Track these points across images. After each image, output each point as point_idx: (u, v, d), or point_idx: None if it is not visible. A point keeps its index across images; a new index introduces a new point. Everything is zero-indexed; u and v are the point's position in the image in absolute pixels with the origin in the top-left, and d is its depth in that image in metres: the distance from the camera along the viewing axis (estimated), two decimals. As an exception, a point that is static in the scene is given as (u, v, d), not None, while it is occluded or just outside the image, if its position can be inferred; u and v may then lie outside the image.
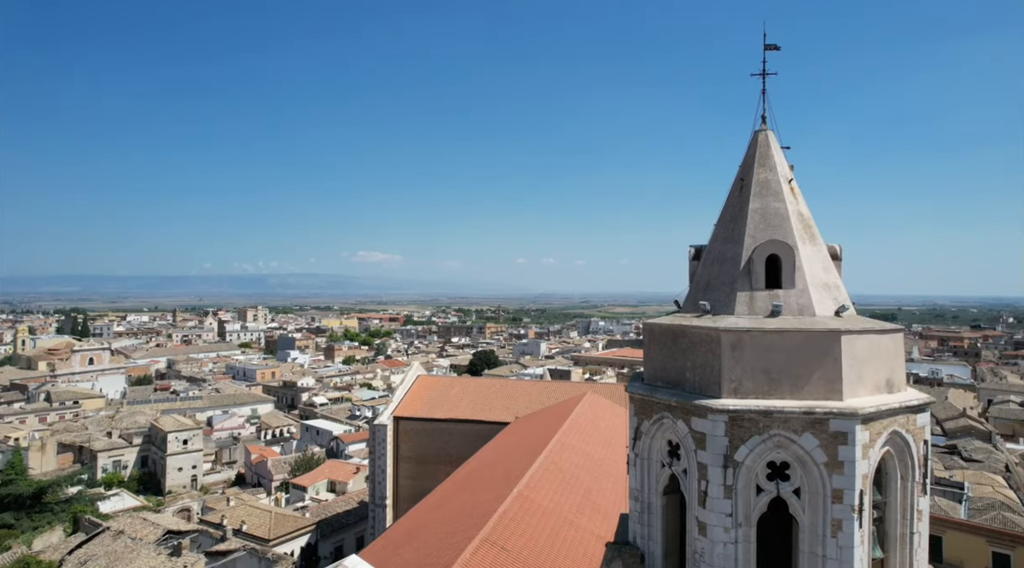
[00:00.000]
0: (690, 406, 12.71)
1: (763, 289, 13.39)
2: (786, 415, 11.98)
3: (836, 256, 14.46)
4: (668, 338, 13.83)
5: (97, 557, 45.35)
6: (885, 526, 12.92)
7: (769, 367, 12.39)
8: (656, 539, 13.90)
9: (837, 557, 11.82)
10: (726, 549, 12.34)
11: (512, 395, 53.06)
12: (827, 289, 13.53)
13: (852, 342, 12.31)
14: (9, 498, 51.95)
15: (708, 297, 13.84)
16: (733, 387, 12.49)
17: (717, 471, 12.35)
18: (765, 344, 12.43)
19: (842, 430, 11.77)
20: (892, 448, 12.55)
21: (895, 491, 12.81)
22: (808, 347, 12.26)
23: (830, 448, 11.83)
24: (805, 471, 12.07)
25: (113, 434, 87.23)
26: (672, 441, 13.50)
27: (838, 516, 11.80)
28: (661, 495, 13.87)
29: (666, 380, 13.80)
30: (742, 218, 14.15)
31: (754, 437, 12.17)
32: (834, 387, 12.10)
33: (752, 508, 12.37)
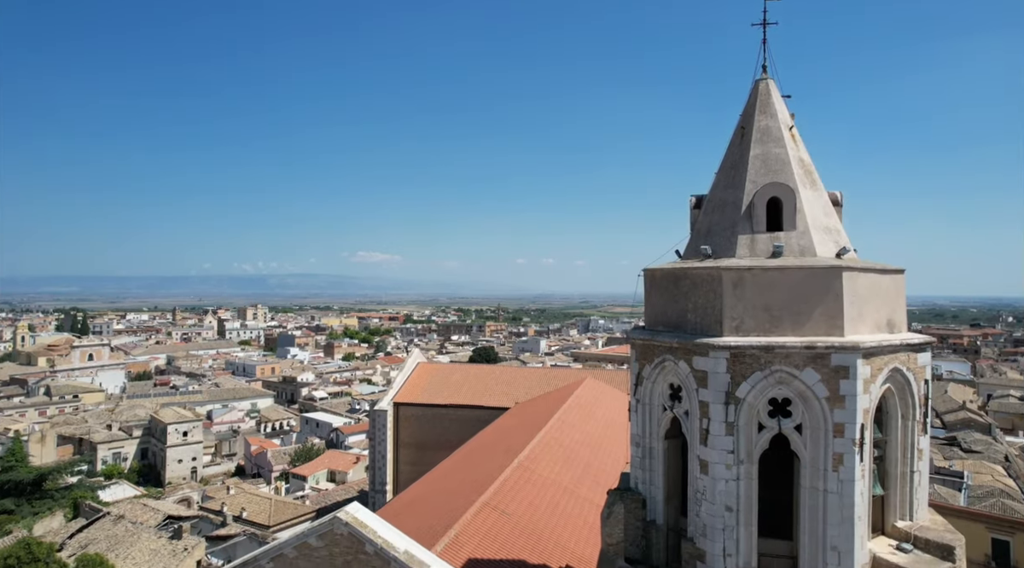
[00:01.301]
0: (691, 346, 12.75)
1: (764, 232, 13.43)
2: (787, 350, 12.02)
3: (837, 202, 14.51)
4: (669, 282, 13.87)
5: (98, 541, 45.36)
6: (886, 465, 12.96)
7: (770, 304, 12.43)
8: (657, 484, 13.94)
9: (838, 491, 11.85)
10: (728, 486, 12.37)
11: (512, 381, 53.09)
12: (828, 232, 13.58)
13: (853, 279, 12.35)
14: (9, 484, 51.97)
15: (709, 242, 13.87)
16: (734, 325, 12.53)
17: (719, 408, 12.39)
18: (766, 281, 12.48)
19: (843, 364, 11.80)
20: (893, 386, 12.60)
21: (896, 430, 12.86)
22: (809, 284, 12.30)
23: (831, 383, 11.86)
24: (807, 407, 12.11)
25: (113, 426, 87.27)
26: (673, 384, 13.54)
27: (839, 450, 11.84)
28: (662, 439, 13.91)
29: (667, 324, 13.84)
30: (743, 164, 14.19)
31: (756, 373, 12.21)
32: (835, 323, 12.14)
33: (754, 445, 12.41)
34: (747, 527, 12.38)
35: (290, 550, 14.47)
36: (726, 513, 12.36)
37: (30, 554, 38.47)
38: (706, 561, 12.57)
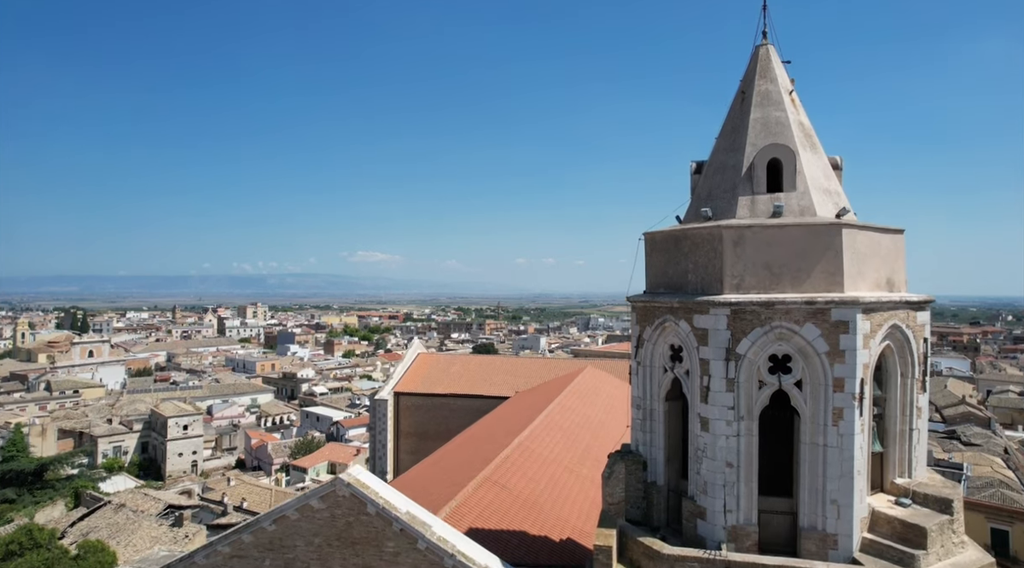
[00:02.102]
0: (692, 304, 12.83)
1: (764, 193, 13.51)
2: (788, 306, 12.10)
3: (837, 166, 14.59)
4: (670, 243, 13.95)
5: (99, 529, 45.40)
6: (885, 422, 13.04)
7: (771, 262, 12.51)
8: (658, 445, 14.01)
9: (838, 445, 11.93)
10: (728, 442, 12.45)
11: (512, 371, 53.17)
12: (828, 194, 13.65)
13: (853, 236, 12.43)
14: (11, 474, 52.02)
15: (709, 205, 13.94)
16: (735, 283, 12.61)
17: (719, 365, 12.46)
18: (766, 239, 12.55)
19: (843, 319, 11.88)
20: (892, 343, 12.67)
21: (895, 387, 12.94)
22: (809, 241, 12.38)
23: (831, 337, 11.94)
24: (807, 362, 12.19)
25: (113, 421, 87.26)
26: (674, 345, 13.61)
27: (839, 405, 11.91)
28: (663, 401, 13.99)
29: (668, 286, 13.92)
30: (743, 128, 14.26)
31: (756, 330, 12.29)
32: (835, 280, 12.22)
33: (754, 401, 12.48)
34: (747, 483, 12.45)
35: (292, 512, 14.52)
36: (727, 469, 12.43)
37: (32, 540, 38.48)
38: (706, 518, 12.65)
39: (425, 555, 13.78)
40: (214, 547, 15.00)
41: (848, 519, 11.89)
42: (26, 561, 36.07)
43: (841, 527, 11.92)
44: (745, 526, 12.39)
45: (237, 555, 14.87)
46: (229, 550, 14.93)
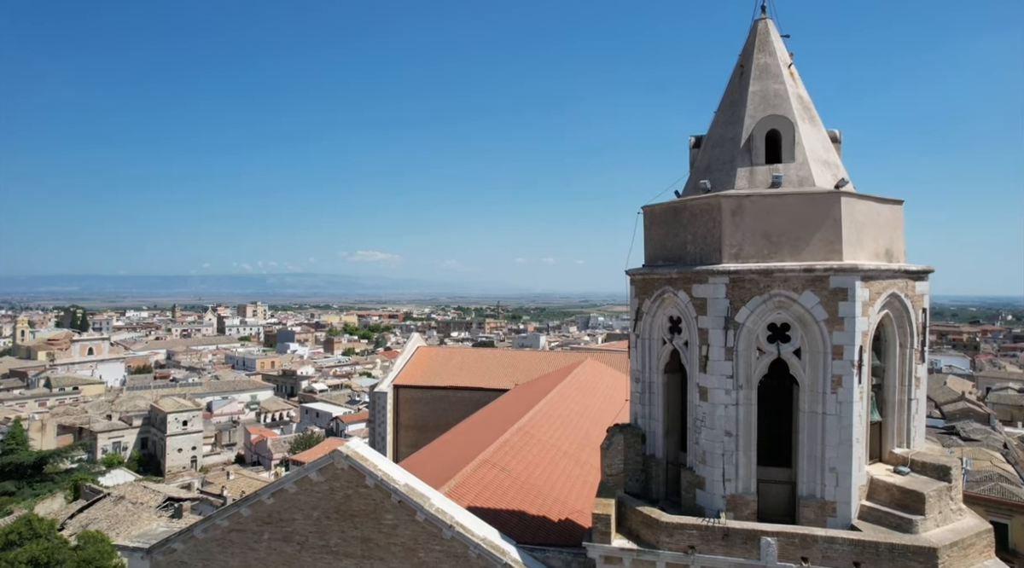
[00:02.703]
0: (691, 274, 12.82)
1: (763, 164, 13.49)
2: (786, 274, 12.09)
3: (836, 139, 14.58)
4: (669, 216, 13.94)
5: (98, 520, 45.40)
6: (884, 393, 13.03)
7: (769, 231, 12.50)
8: (657, 417, 14.00)
9: (837, 413, 11.93)
10: (727, 411, 12.45)
11: (512, 363, 53.12)
12: (827, 165, 13.64)
13: (852, 205, 12.42)
14: (10, 467, 51.98)
15: (708, 177, 13.92)
16: (734, 252, 12.60)
17: (718, 334, 12.46)
18: (765, 208, 12.55)
19: (842, 286, 11.88)
20: (891, 312, 12.66)
21: (894, 357, 12.93)
22: (808, 209, 12.37)
23: (830, 305, 11.94)
24: (806, 330, 12.18)
25: (113, 416, 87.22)
26: (673, 316, 13.61)
27: (838, 372, 11.91)
28: (662, 373, 13.98)
29: (666, 258, 13.91)
30: (742, 101, 14.24)
31: (755, 298, 12.29)
32: (834, 248, 12.21)
33: (753, 370, 12.48)
34: (746, 452, 12.45)
35: (291, 485, 14.51)
36: (725, 438, 12.43)
37: (31, 530, 38.45)
38: (705, 487, 12.65)
39: (424, 527, 13.78)
40: (213, 521, 15.00)
41: (847, 487, 11.88)
42: (25, 551, 36.04)
43: (840, 494, 11.92)
44: (744, 495, 12.39)
45: (236, 529, 14.87)
46: (228, 524, 14.93)
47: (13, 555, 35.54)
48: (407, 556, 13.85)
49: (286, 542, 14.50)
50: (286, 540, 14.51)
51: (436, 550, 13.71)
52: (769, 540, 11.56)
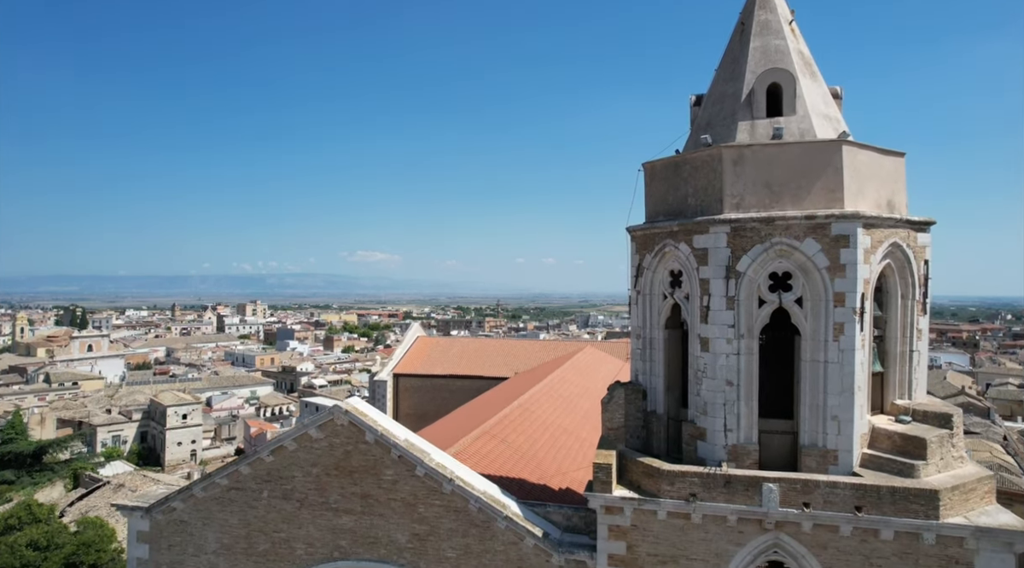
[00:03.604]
0: (692, 225, 12.78)
1: (764, 118, 13.45)
2: (788, 222, 12.06)
3: (837, 96, 14.53)
4: (670, 171, 13.90)
5: (98, 508, 45.30)
6: (885, 344, 12.99)
7: (771, 180, 12.46)
8: (658, 373, 13.95)
9: (838, 361, 11.89)
10: (728, 361, 12.40)
11: (512, 353, 53.06)
12: (828, 119, 13.59)
13: (854, 154, 12.39)
14: (10, 456, 51.92)
15: (709, 133, 13.87)
16: (735, 203, 12.57)
17: (719, 283, 12.42)
18: (766, 158, 12.51)
19: (844, 233, 11.84)
20: (893, 262, 12.63)
21: (895, 309, 12.89)
22: (810, 158, 12.34)
23: (832, 252, 11.90)
24: (807, 278, 12.14)
25: (112, 410, 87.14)
26: (674, 270, 13.57)
27: (839, 320, 11.87)
28: (663, 328, 13.93)
29: (667, 213, 13.86)
30: (743, 57, 14.20)
31: (756, 247, 12.25)
32: (835, 197, 12.17)
33: (754, 319, 12.44)
34: (748, 402, 12.41)
35: (290, 442, 14.44)
36: (727, 388, 12.39)
37: (31, 515, 38.44)
38: (706, 438, 12.60)
39: (424, 481, 13.73)
40: (212, 479, 14.95)
41: (848, 434, 11.84)
42: (25, 535, 35.99)
43: (841, 443, 11.88)
44: (745, 445, 12.35)
45: (235, 487, 14.82)
46: (227, 482, 14.87)
47: (13, 539, 35.50)
48: (407, 511, 13.80)
49: (285, 499, 14.45)
50: (285, 497, 14.45)
51: (436, 505, 13.66)
52: (771, 486, 11.52)
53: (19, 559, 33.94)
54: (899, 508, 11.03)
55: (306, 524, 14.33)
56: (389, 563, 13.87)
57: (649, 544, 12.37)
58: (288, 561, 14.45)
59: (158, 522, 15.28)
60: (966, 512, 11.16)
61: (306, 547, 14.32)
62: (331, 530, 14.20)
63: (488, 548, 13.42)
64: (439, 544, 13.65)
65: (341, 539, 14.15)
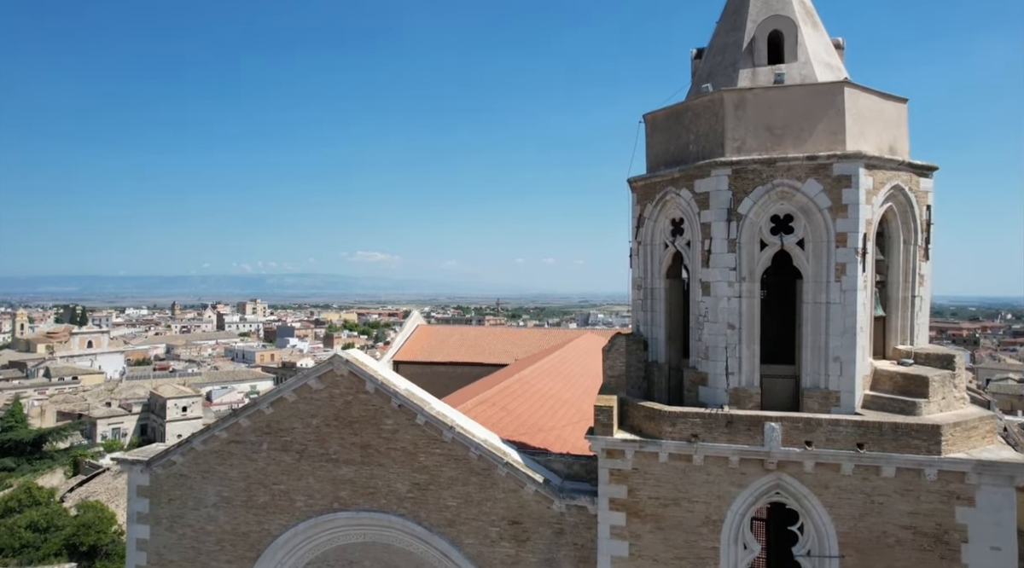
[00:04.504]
0: (693, 170, 12.75)
1: (765, 65, 13.42)
2: (789, 163, 12.02)
3: (839, 46, 14.50)
4: (671, 120, 13.86)
5: (98, 494, 45.29)
6: (887, 289, 12.95)
7: (772, 124, 12.43)
8: (659, 323, 13.91)
9: (840, 301, 11.85)
10: (730, 304, 12.37)
11: (512, 340, 52.98)
12: (829, 68, 13.56)
13: (856, 97, 12.34)
14: (9, 443, 51.90)
15: (710, 82, 13.84)
16: (736, 146, 12.53)
17: (721, 226, 12.39)
18: (768, 101, 12.47)
19: (846, 173, 11.81)
20: (895, 205, 12.59)
21: (897, 254, 12.85)
22: (811, 101, 12.30)
23: (834, 192, 11.87)
24: (809, 220, 12.11)
25: (112, 404, 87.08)
26: (675, 219, 13.54)
27: (841, 260, 11.84)
28: (664, 277, 13.89)
29: (668, 162, 13.80)
30: (744, 7, 14.14)
31: (757, 189, 12.21)
32: (837, 139, 12.13)
33: (756, 262, 12.40)
34: (750, 346, 12.37)
35: (289, 393, 14.41)
36: (728, 331, 12.35)
37: (31, 497, 38.44)
38: (708, 383, 12.56)
39: (424, 430, 13.70)
40: (212, 432, 14.92)
41: (850, 375, 11.80)
42: (25, 517, 35.99)
43: (843, 383, 11.84)
44: (747, 388, 12.31)
45: (235, 440, 14.78)
46: (227, 435, 14.84)
47: (12, 521, 35.51)
48: (407, 460, 13.76)
49: (285, 451, 14.41)
50: (285, 449, 14.42)
51: (437, 453, 13.63)
52: (773, 425, 11.47)
53: (18, 540, 33.95)
54: (901, 444, 10.98)
55: (306, 476, 14.30)
56: (389, 513, 13.83)
57: (650, 487, 12.33)
58: (288, 513, 14.42)
59: (158, 476, 15.24)
60: (968, 449, 11.12)
61: (306, 499, 14.28)
62: (331, 481, 14.17)
63: (488, 496, 13.39)
64: (439, 493, 13.61)
65: (341, 490, 14.12)
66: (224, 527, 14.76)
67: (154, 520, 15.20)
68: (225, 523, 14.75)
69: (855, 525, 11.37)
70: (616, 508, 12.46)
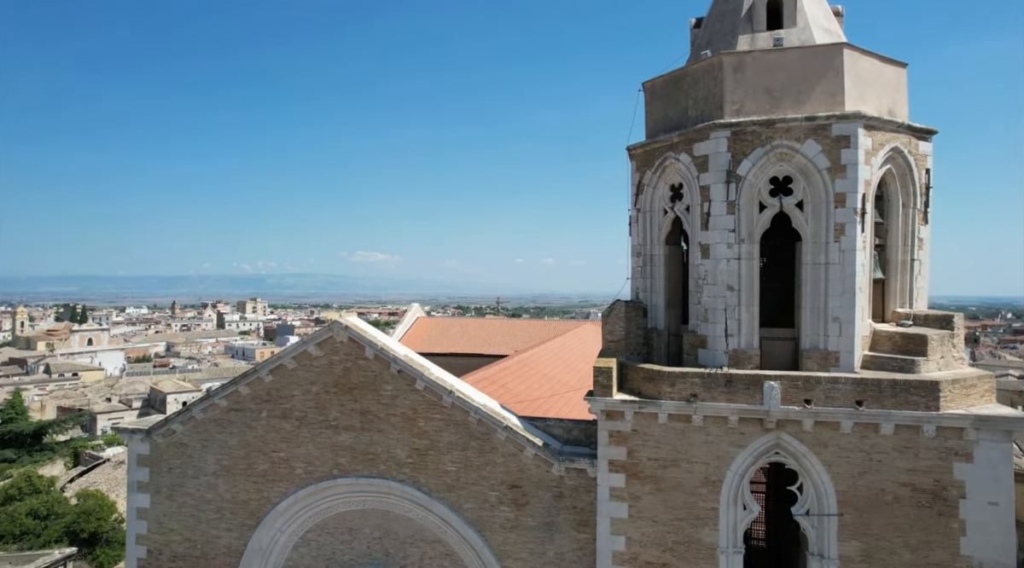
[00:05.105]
0: (692, 133, 12.77)
1: (764, 30, 13.44)
2: (788, 124, 12.05)
3: (838, 14, 14.52)
4: (670, 86, 13.88)
5: (98, 484, 45.29)
6: (887, 252, 12.96)
7: (771, 86, 12.45)
8: (658, 289, 13.93)
9: (840, 261, 11.87)
10: (729, 266, 12.39)
11: (512, 332, 52.93)
12: (828, 33, 13.56)
13: (855, 58, 12.35)
14: (10, 435, 51.85)
15: (709, 49, 13.86)
16: (735, 109, 12.55)
17: (720, 188, 12.41)
18: (767, 64, 12.50)
19: (844, 133, 11.83)
20: (894, 168, 12.60)
21: (896, 216, 12.86)
22: (810, 62, 12.32)
23: (832, 153, 11.89)
24: (808, 181, 12.13)
25: (113, 399, 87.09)
26: (674, 184, 13.56)
27: (841, 220, 11.86)
28: (663, 244, 13.92)
29: (667, 128, 13.82)
30: (744, -26, 14.17)
31: (756, 150, 12.24)
32: (836, 100, 12.15)
33: (755, 224, 12.43)
34: (749, 308, 12.39)
35: (289, 360, 14.42)
36: (727, 293, 12.37)
37: (31, 485, 38.42)
38: (707, 345, 12.58)
39: (424, 395, 13.71)
40: (212, 401, 14.93)
41: (849, 335, 11.82)
42: (25, 504, 35.96)
43: (843, 344, 11.86)
44: (747, 350, 12.33)
45: (234, 408, 14.80)
46: (226, 403, 14.86)
47: (13, 508, 35.47)
48: (407, 426, 13.78)
49: (285, 418, 14.42)
50: (284, 417, 14.43)
51: (436, 418, 13.64)
52: (772, 384, 11.49)
53: (19, 527, 33.91)
54: (899, 401, 11.00)
55: (305, 443, 14.31)
56: (389, 479, 13.85)
57: (650, 449, 12.35)
58: (287, 481, 14.43)
59: (158, 445, 15.25)
60: (966, 407, 11.13)
61: (305, 466, 14.29)
62: (330, 448, 14.18)
63: (488, 460, 13.40)
64: (439, 458, 13.63)
65: (340, 457, 14.13)
66: (224, 495, 14.77)
67: (154, 489, 15.22)
68: (225, 491, 14.77)
69: (854, 483, 11.38)
70: (615, 470, 12.48)
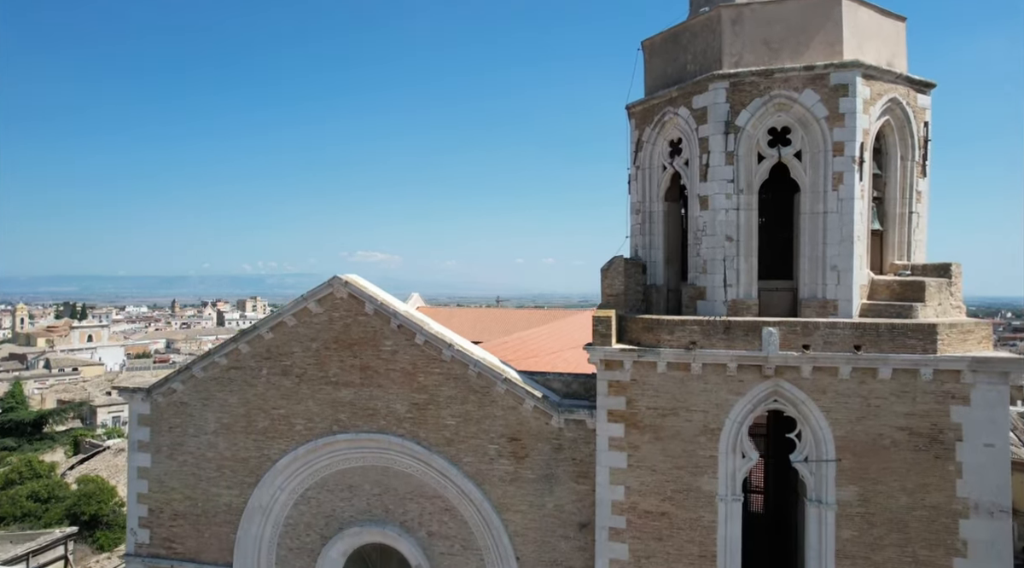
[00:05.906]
0: (691, 86, 12.82)
1: (764, -13, 13.46)
2: (787, 74, 12.08)
3: (836, -27, 14.53)
4: (669, 43, 13.93)
5: (99, 470, 45.32)
6: (885, 205, 13.00)
7: (769, 38, 12.49)
8: (658, 246, 13.98)
9: (838, 210, 11.91)
10: (728, 216, 12.43)
11: (512, 321, 52.89)
12: (827, -10, 13.60)
13: (854, 9, 12.39)
14: (10, 424, 51.92)
15: (708, 5, 13.88)
16: (734, 61, 12.59)
17: (718, 138, 12.45)
18: (765, 16, 12.53)
19: (843, 82, 11.86)
20: (892, 120, 12.63)
21: (895, 169, 12.89)
22: (809, 13, 12.34)
23: (831, 102, 11.93)
24: (806, 130, 12.17)
25: (113, 393, 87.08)
26: (673, 139, 13.60)
27: (839, 169, 11.90)
28: (662, 200, 13.96)
29: (666, 83, 13.85)
30: (742, -67, 14.22)
31: (755, 100, 12.27)
32: (835, 50, 12.19)
33: (753, 175, 12.47)
34: (747, 258, 12.42)
35: (289, 318, 14.45)
36: (726, 244, 12.41)
37: (32, 470, 38.48)
38: (706, 296, 12.62)
39: (423, 349, 13.75)
40: (212, 359, 14.98)
41: (848, 284, 11.86)
42: (26, 488, 36.03)
43: (841, 292, 11.89)
44: (745, 300, 12.37)
45: (235, 366, 14.84)
46: (227, 361, 14.90)
47: (14, 491, 35.55)
48: (406, 381, 13.82)
49: (285, 375, 14.47)
50: (285, 374, 14.47)
51: (435, 373, 13.68)
52: (771, 330, 11.52)
53: (20, 509, 33.99)
54: (897, 345, 11.03)
55: (305, 399, 14.35)
56: (388, 434, 13.89)
57: (649, 398, 12.38)
58: (287, 438, 14.48)
59: (158, 404, 15.30)
60: (963, 351, 11.15)
61: (305, 422, 14.34)
62: (330, 404, 14.23)
63: (487, 414, 13.44)
64: (438, 412, 13.67)
65: (340, 413, 14.17)
66: (224, 453, 14.82)
67: (155, 448, 15.27)
68: (225, 449, 14.81)
69: (852, 429, 11.42)
70: (615, 420, 12.52)
